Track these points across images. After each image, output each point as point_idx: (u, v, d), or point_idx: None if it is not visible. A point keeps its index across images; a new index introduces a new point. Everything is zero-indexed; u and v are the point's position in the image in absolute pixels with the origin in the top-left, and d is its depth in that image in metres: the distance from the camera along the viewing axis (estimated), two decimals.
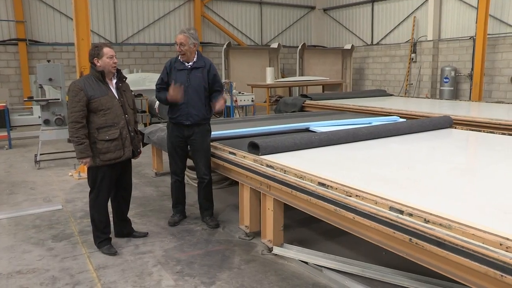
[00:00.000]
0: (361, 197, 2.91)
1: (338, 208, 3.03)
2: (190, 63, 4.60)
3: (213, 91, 4.69)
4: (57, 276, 3.70)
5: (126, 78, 4.29)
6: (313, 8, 19.45)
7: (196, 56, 4.62)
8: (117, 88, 4.16)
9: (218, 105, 4.65)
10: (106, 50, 4.01)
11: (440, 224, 2.40)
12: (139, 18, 15.75)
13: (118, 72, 4.18)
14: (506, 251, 2.11)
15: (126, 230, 4.51)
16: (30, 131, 10.66)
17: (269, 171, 3.85)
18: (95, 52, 4.01)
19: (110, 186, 4.20)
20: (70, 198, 5.89)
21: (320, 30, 19.55)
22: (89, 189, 4.20)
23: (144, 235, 4.53)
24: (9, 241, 4.45)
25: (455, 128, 5.95)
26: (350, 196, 2.98)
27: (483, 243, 2.21)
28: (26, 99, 10.35)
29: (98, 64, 4.01)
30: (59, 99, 8.02)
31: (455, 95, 13.77)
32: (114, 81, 4.16)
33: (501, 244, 2.14)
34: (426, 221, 2.47)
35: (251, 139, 4.52)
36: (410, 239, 2.51)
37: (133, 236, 4.49)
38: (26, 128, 11.31)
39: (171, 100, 4.53)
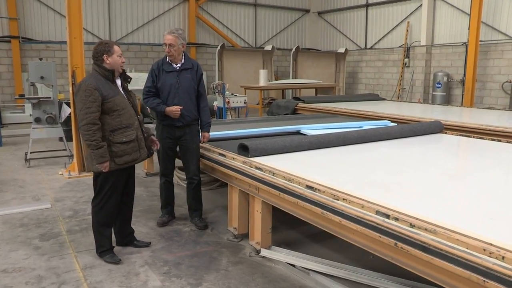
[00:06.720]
0: (348, 200, 2.92)
1: (325, 212, 3.03)
2: (179, 65, 4.55)
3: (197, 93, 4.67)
4: (43, 275, 3.67)
5: (131, 78, 4.07)
6: (307, 11, 19.49)
7: (183, 57, 4.57)
8: (123, 89, 3.96)
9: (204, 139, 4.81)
10: (116, 48, 3.79)
11: (425, 229, 2.41)
12: (133, 18, 15.69)
13: (123, 72, 3.98)
14: (489, 257, 2.12)
15: (127, 239, 4.25)
16: (21, 129, 10.59)
17: (258, 173, 3.84)
18: (106, 48, 3.75)
19: (119, 192, 3.97)
20: (59, 197, 5.85)
21: (314, 33, 19.59)
22: (90, 193, 4.06)
23: (147, 245, 4.26)
24: None
25: (446, 133, 5.98)
26: (338, 200, 2.99)
27: (467, 248, 2.22)
28: (17, 96, 10.26)
29: (108, 62, 3.75)
30: (50, 98, 7.95)
31: (447, 101, 13.86)
32: (119, 81, 3.95)
33: (484, 250, 2.15)
34: (412, 226, 2.48)
35: (241, 141, 4.52)
36: (396, 243, 2.52)
37: (134, 246, 4.22)
38: (17, 126, 11.25)
39: (168, 114, 4.50)
